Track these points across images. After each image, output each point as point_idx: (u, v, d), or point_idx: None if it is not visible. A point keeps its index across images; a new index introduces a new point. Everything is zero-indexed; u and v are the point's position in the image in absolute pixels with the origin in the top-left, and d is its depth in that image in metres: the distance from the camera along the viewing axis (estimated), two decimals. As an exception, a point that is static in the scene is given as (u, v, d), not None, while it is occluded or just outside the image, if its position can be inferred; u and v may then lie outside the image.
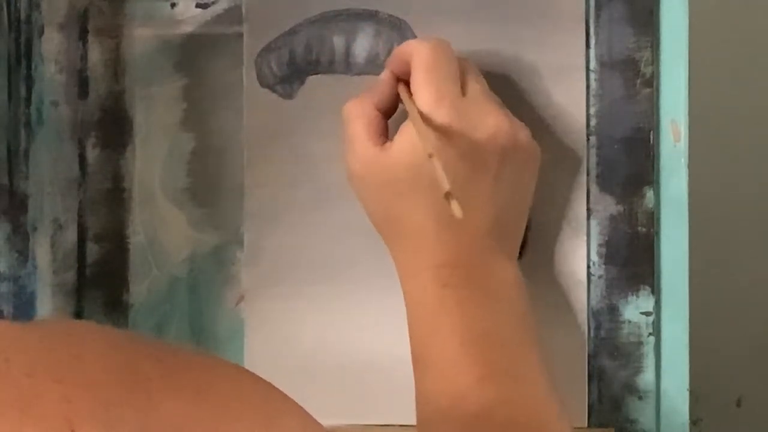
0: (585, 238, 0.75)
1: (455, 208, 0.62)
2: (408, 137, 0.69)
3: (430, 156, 0.65)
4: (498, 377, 0.67)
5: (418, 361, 0.69)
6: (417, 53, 0.70)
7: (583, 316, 0.75)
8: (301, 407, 0.49)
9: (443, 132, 0.68)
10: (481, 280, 0.69)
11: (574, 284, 0.75)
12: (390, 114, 0.72)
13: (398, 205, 0.70)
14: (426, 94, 0.69)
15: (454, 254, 0.69)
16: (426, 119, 0.68)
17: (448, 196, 0.63)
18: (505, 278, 0.70)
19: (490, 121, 0.69)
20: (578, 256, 0.75)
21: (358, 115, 0.71)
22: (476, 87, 0.70)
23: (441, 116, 0.68)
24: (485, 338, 0.68)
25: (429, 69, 0.69)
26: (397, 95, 0.72)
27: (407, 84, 0.71)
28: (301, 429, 0.49)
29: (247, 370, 0.50)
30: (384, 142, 0.70)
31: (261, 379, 0.49)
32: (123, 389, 0.44)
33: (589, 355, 0.75)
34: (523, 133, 0.71)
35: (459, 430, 0.66)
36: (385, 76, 0.72)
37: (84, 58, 0.81)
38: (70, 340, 0.46)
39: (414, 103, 0.69)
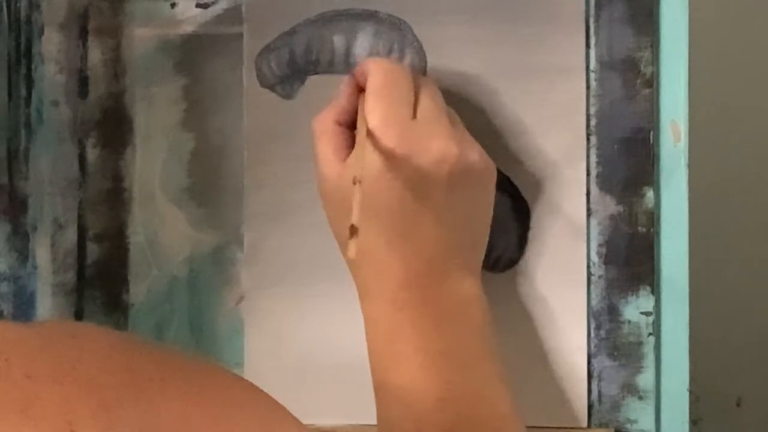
0: (585, 238, 0.75)
1: (351, 247, 0.62)
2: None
3: (354, 182, 0.65)
4: (458, 398, 0.67)
5: (379, 385, 0.69)
6: (371, 75, 0.70)
7: (583, 316, 0.75)
8: (297, 419, 0.49)
9: (388, 156, 0.68)
10: (437, 299, 0.69)
11: (574, 284, 0.75)
12: (355, 125, 0.72)
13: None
14: (374, 118, 0.69)
15: (407, 275, 0.69)
16: (373, 140, 0.68)
17: (351, 230, 0.62)
18: (464, 295, 0.70)
19: (437, 146, 0.68)
20: (578, 256, 0.75)
21: (322, 131, 0.71)
22: (428, 109, 0.70)
23: (387, 140, 0.68)
24: (443, 359, 0.68)
25: (380, 92, 0.69)
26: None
27: None
28: None
29: (244, 379, 0.50)
30: (348, 156, 0.70)
31: (259, 388, 0.49)
32: (123, 391, 0.44)
33: (589, 355, 0.75)
34: (474, 154, 0.70)
35: None
36: (348, 87, 0.72)
37: (84, 58, 0.81)
38: (71, 341, 0.46)
39: (364, 122, 0.69)
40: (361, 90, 0.71)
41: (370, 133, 0.68)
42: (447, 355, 0.68)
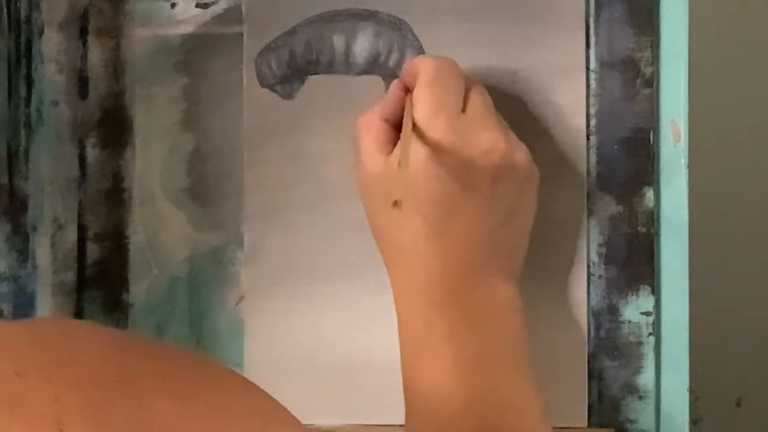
0: (585, 238, 0.75)
1: (396, 209, 0.62)
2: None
3: (399, 164, 0.65)
4: (485, 405, 0.66)
5: (408, 385, 0.69)
6: (423, 68, 0.70)
7: (583, 317, 0.75)
8: (293, 416, 0.49)
9: (435, 145, 0.68)
10: (472, 300, 0.69)
11: (574, 284, 0.75)
12: (401, 126, 0.71)
13: (392, 217, 0.68)
14: (424, 107, 0.69)
15: (443, 272, 0.68)
16: (418, 130, 0.68)
17: (395, 203, 0.62)
18: (500, 299, 0.69)
19: (485, 138, 0.69)
20: (578, 256, 0.75)
21: (367, 127, 0.71)
22: (478, 105, 0.70)
23: (436, 129, 0.68)
24: (474, 363, 0.67)
25: (431, 83, 0.69)
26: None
27: None
28: None
29: (242, 376, 0.50)
30: (391, 152, 0.70)
31: (255, 385, 0.49)
32: (114, 389, 0.44)
33: (589, 355, 0.75)
34: (521, 154, 0.70)
35: None
36: (396, 88, 0.72)
37: (84, 58, 0.81)
38: (62, 339, 0.46)
39: (411, 113, 0.69)
40: (407, 91, 0.71)
41: (416, 123, 0.68)
42: (478, 360, 0.67)
